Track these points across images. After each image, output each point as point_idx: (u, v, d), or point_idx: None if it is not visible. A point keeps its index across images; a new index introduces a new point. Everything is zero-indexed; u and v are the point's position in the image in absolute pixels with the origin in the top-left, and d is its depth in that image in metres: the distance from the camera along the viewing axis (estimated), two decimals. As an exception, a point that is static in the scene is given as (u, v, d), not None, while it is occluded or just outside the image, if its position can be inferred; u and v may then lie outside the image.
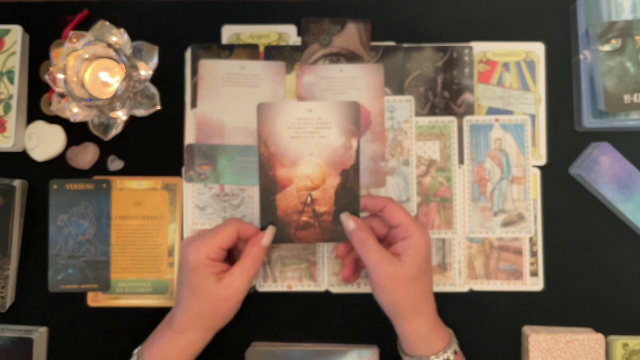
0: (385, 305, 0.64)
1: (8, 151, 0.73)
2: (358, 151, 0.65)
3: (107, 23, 0.69)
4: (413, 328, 0.63)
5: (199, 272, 0.63)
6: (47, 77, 0.69)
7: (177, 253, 0.74)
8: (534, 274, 0.73)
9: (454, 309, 0.71)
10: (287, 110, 0.65)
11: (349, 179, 0.65)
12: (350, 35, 0.75)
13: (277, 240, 0.66)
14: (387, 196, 0.72)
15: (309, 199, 0.65)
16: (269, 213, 0.66)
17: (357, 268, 0.70)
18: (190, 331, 0.64)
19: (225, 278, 0.63)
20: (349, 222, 0.64)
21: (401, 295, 0.62)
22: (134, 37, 0.70)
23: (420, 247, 0.63)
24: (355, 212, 0.66)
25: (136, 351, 0.66)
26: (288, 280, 0.74)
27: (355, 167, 0.65)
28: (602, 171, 0.71)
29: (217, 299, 0.63)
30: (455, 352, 0.64)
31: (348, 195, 0.65)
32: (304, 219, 0.66)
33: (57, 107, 0.70)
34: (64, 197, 0.73)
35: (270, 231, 0.65)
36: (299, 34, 0.75)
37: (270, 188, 0.66)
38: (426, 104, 0.74)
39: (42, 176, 0.74)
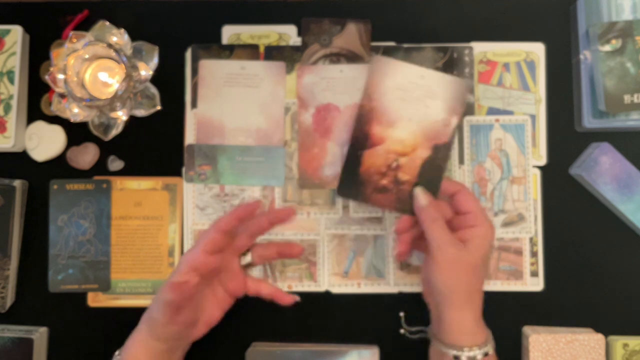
0: (439, 288, 0.62)
1: (8, 151, 0.73)
2: (454, 130, 0.65)
3: (107, 23, 0.69)
4: (460, 317, 0.62)
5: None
6: (47, 77, 0.69)
7: (177, 253, 0.74)
8: (534, 274, 0.73)
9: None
10: (400, 69, 0.64)
11: (439, 154, 0.65)
12: (350, 35, 0.75)
13: (352, 196, 0.65)
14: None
15: (395, 163, 0.65)
16: (352, 165, 0.65)
17: (411, 248, 0.68)
18: (141, 322, 0.64)
19: None
20: (421, 197, 0.64)
21: (460, 281, 0.62)
22: (134, 37, 0.70)
23: (486, 238, 0.63)
24: (433, 190, 0.65)
25: (117, 352, 0.66)
26: (288, 280, 0.74)
27: (448, 145, 0.65)
28: (602, 171, 0.71)
29: (153, 302, 0.64)
30: (493, 348, 0.64)
31: (433, 171, 0.65)
32: (384, 182, 0.65)
33: (57, 107, 0.70)
34: (64, 197, 0.73)
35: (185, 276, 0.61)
36: (299, 34, 0.75)
37: (360, 141, 0.65)
38: (426, 104, 0.74)
39: (42, 176, 0.74)
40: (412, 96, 0.64)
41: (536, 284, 0.73)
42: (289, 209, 0.66)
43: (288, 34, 0.75)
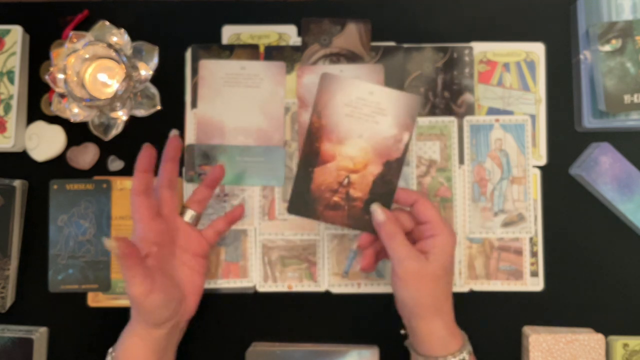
0: (405, 302, 0.63)
1: (8, 151, 0.73)
2: (407, 146, 0.65)
3: (107, 23, 0.69)
4: (431, 328, 0.62)
5: None
6: (47, 77, 0.69)
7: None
8: (534, 274, 0.73)
9: (454, 309, 0.71)
10: (348, 86, 0.64)
11: (391, 171, 0.65)
12: (350, 35, 0.75)
13: (304, 214, 0.65)
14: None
15: (346, 180, 0.64)
16: (302, 183, 0.65)
17: (376, 259, 0.69)
18: (134, 321, 0.64)
19: None
20: (379, 213, 0.64)
21: (424, 293, 0.62)
22: (134, 37, 0.70)
23: (447, 246, 0.62)
24: (386, 205, 0.65)
25: (110, 350, 0.66)
26: (288, 280, 0.74)
27: (400, 161, 0.64)
28: (602, 171, 0.71)
29: (128, 297, 0.63)
30: (470, 353, 0.63)
31: (385, 187, 0.65)
32: (336, 199, 0.65)
33: (57, 107, 0.70)
34: (64, 197, 0.73)
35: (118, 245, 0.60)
36: (299, 34, 0.75)
37: (310, 158, 0.65)
38: (426, 104, 0.74)
39: (42, 176, 0.74)
40: (361, 113, 0.64)
41: (536, 284, 0.73)
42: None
43: (288, 34, 0.75)
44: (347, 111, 0.64)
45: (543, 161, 0.74)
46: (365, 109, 0.64)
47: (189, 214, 0.69)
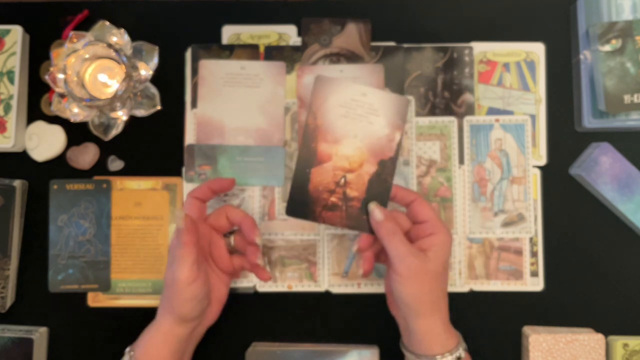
0: (405, 300, 0.62)
1: (8, 151, 0.73)
2: (399, 145, 0.65)
3: (107, 23, 0.69)
4: (429, 325, 0.63)
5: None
6: (47, 77, 0.69)
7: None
8: (534, 274, 0.73)
9: (454, 309, 0.71)
10: (342, 88, 0.65)
11: (385, 170, 0.65)
12: (350, 35, 0.75)
13: (302, 216, 0.66)
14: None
15: (343, 180, 0.65)
16: (300, 184, 0.65)
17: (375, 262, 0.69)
18: (161, 316, 0.65)
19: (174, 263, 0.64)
20: (377, 212, 0.64)
21: (424, 290, 0.62)
22: (134, 37, 0.70)
23: (445, 245, 0.63)
24: (383, 204, 0.65)
25: (127, 349, 0.66)
26: (288, 280, 0.74)
27: (393, 160, 0.65)
28: (602, 171, 0.71)
29: (168, 282, 0.64)
30: (465, 350, 0.64)
31: (380, 185, 0.65)
32: (333, 199, 0.65)
33: (57, 107, 0.70)
34: (64, 197, 0.73)
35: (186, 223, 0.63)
36: (299, 34, 0.75)
37: (307, 159, 0.65)
38: (426, 104, 0.75)
39: (42, 176, 0.74)
40: (355, 113, 0.65)
41: (536, 284, 0.73)
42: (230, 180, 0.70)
43: (288, 34, 0.75)
44: (342, 112, 0.65)
45: (543, 161, 0.74)
46: (359, 109, 0.65)
47: (230, 242, 0.70)
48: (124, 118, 0.71)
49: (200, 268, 0.64)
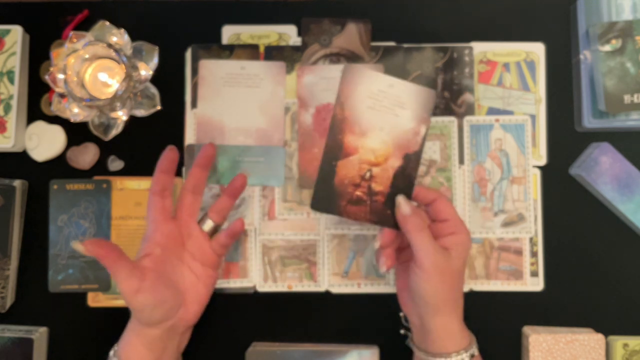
0: (426, 296, 0.62)
1: (8, 151, 0.73)
2: (424, 139, 0.65)
3: (107, 23, 0.69)
4: (446, 324, 0.63)
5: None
6: (47, 77, 0.69)
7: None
8: (534, 274, 0.73)
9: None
10: (370, 78, 0.64)
11: (410, 164, 0.65)
12: (350, 35, 0.75)
13: (326, 210, 0.65)
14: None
15: (368, 174, 0.64)
16: (326, 177, 0.64)
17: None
18: (132, 316, 0.65)
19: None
20: (404, 206, 0.63)
21: (446, 288, 0.62)
22: (134, 37, 0.70)
23: (466, 244, 0.64)
24: None
25: (114, 348, 0.66)
26: (288, 280, 0.74)
27: (418, 154, 0.64)
28: (602, 171, 0.71)
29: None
30: (477, 348, 0.64)
31: (405, 180, 0.65)
32: (358, 193, 0.65)
33: (57, 107, 0.70)
34: (64, 197, 0.73)
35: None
36: (299, 34, 0.75)
37: (334, 151, 0.64)
38: (426, 104, 0.74)
39: (42, 176, 0.74)
40: (381, 105, 0.64)
41: (536, 284, 0.73)
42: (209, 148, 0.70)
43: (288, 34, 0.75)
44: (369, 103, 0.64)
45: (543, 161, 0.74)
46: (386, 101, 0.64)
47: (208, 224, 0.69)
48: (124, 118, 0.71)
49: (144, 278, 0.62)
